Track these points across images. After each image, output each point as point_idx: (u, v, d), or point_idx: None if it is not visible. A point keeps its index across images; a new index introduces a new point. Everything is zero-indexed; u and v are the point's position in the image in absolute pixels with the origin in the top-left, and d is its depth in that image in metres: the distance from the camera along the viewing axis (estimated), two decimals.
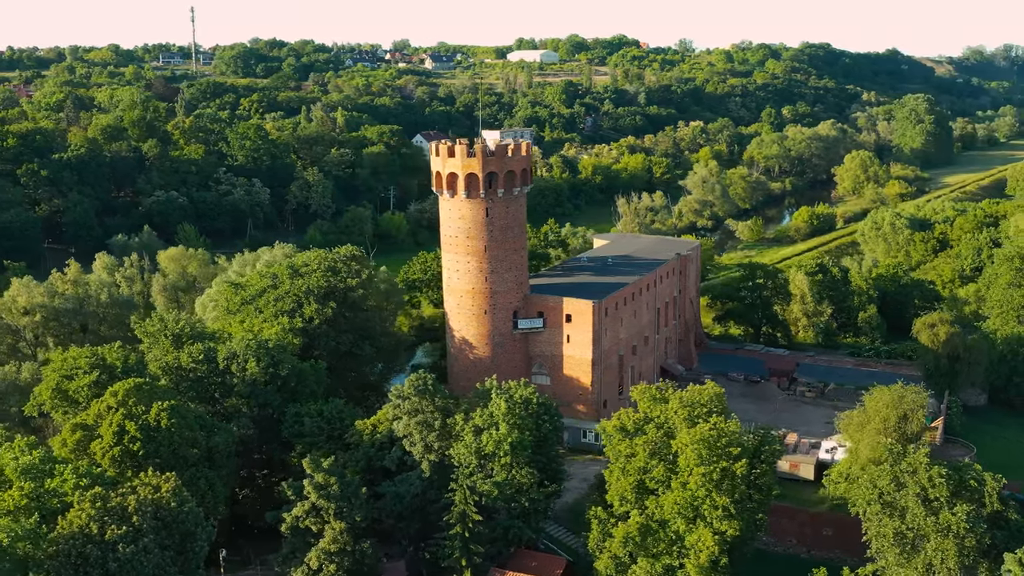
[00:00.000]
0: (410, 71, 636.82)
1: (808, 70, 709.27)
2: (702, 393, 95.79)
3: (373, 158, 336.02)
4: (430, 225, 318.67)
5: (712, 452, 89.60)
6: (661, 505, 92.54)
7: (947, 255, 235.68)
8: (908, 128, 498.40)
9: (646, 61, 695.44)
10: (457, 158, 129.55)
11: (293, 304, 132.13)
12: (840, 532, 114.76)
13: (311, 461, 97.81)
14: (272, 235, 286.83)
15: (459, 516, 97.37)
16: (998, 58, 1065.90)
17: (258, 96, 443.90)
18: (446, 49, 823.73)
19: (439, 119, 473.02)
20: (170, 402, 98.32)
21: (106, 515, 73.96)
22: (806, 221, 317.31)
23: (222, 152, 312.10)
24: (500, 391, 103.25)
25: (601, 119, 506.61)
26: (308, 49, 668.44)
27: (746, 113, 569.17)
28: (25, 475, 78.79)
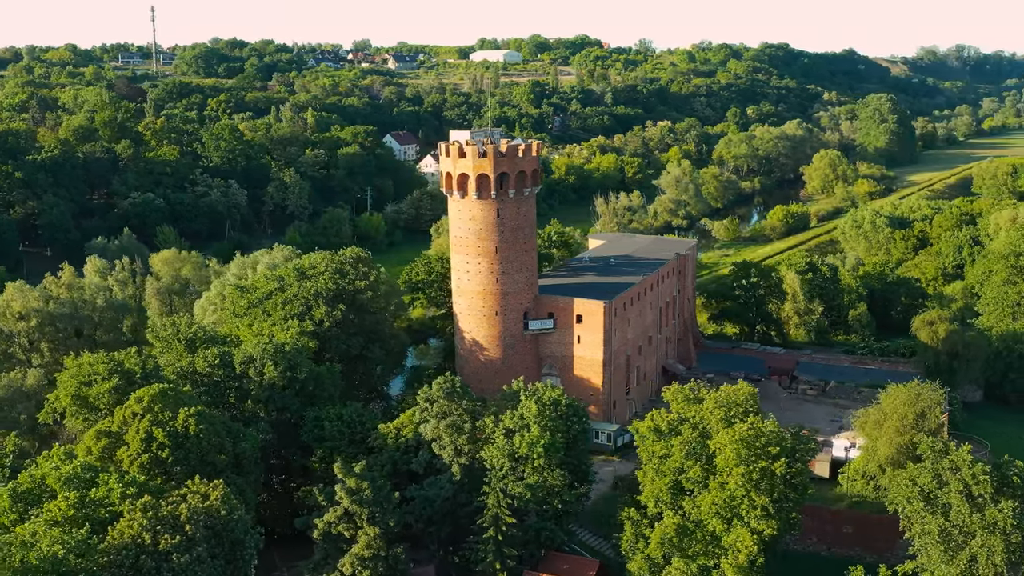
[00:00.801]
0: (374, 71, 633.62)
1: (769, 70, 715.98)
2: (737, 393, 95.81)
3: (348, 159, 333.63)
4: (407, 226, 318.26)
5: (751, 452, 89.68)
6: (698, 505, 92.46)
7: (928, 253, 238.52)
8: (872, 127, 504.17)
9: (609, 61, 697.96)
10: (468, 159, 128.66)
11: (302, 307, 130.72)
12: (860, 529, 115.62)
13: (342, 466, 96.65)
14: (250, 237, 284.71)
15: (492, 519, 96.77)
16: (951, 58, 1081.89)
17: (225, 96, 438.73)
18: (408, 49, 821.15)
19: (408, 119, 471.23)
20: (196, 408, 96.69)
21: (158, 524, 72.41)
22: (781, 220, 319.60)
23: (196, 153, 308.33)
24: (528, 393, 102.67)
25: (569, 119, 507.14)
26: (270, 49, 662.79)
27: (711, 113, 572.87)
28: (68, 485, 76.89)
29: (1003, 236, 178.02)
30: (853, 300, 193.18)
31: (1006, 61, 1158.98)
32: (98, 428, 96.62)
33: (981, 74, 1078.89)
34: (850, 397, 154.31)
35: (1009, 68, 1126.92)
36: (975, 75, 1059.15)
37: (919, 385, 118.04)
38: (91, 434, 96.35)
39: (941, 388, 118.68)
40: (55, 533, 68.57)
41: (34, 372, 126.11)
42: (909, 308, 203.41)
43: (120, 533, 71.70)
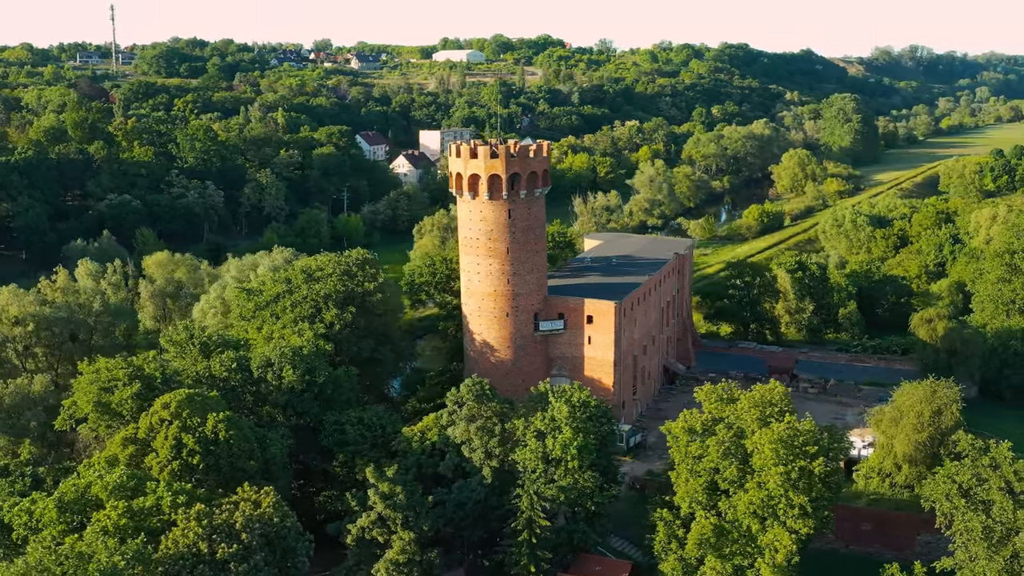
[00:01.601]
0: (338, 71, 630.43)
1: (731, 70, 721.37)
2: (772, 392, 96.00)
3: (323, 159, 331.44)
4: (384, 226, 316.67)
5: (789, 451, 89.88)
6: (734, 505, 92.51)
7: (909, 251, 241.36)
8: (837, 127, 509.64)
9: (572, 61, 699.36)
10: (480, 159, 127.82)
11: (311, 309, 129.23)
12: (879, 527, 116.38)
13: (375, 470, 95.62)
14: (227, 239, 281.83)
15: (526, 522, 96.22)
16: (905, 59, 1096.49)
17: (192, 97, 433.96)
18: (370, 49, 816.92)
19: (376, 120, 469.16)
20: (225, 413, 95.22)
21: (214, 533, 70.99)
22: (756, 219, 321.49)
23: (171, 154, 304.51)
24: (556, 394, 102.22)
25: (538, 119, 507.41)
26: (232, 49, 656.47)
27: (677, 112, 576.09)
28: (116, 494, 75.17)
29: (997, 236, 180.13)
30: (843, 298, 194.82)
31: (958, 62, 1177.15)
32: (124, 435, 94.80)
33: (934, 74, 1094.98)
34: (851, 395, 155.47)
35: (961, 68, 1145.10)
36: (928, 75, 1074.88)
37: (934, 382, 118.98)
38: (117, 441, 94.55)
39: (956, 385, 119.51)
40: (111, 543, 66.97)
41: (40, 378, 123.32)
42: (895, 306, 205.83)
43: (175, 542, 70.24)
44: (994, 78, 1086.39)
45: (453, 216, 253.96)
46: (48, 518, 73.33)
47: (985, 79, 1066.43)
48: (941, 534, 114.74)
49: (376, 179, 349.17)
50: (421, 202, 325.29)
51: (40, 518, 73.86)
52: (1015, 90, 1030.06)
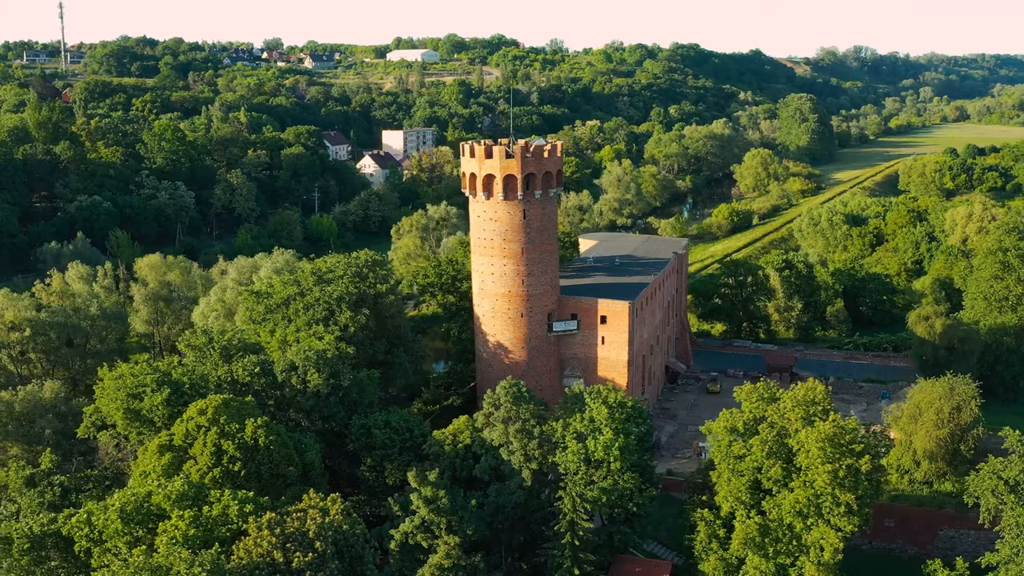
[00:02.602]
0: (292, 70, 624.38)
1: (685, 70, 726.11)
2: (814, 391, 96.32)
3: (292, 159, 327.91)
4: (355, 227, 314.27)
5: (836, 449, 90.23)
6: (779, 504, 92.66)
7: (885, 249, 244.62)
8: (794, 126, 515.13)
9: (528, 61, 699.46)
10: (495, 159, 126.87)
11: (325, 312, 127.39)
12: (902, 522, 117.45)
13: (417, 475, 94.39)
14: (198, 240, 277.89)
15: (568, 524, 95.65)
16: (849, 59, 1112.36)
17: (151, 96, 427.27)
18: (322, 48, 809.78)
19: (337, 119, 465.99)
20: (263, 419, 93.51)
21: (287, 541, 69.40)
22: (726, 218, 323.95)
23: (139, 155, 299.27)
24: (593, 395, 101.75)
25: (499, 119, 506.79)
26: (184, 48, 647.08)
27: (635, 112, 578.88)
28: (180, 503, 73.23)
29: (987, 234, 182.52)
30: (830, 296, 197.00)
31: (901, 62, 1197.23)
32: (159, 442, 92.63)
33: (878, 74, 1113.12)
34: (853, 392, 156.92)
35: (904, 69, 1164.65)
36: (873, 75, 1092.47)
37: (952, 379, 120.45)
38: (152, 448, 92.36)
39: (974, 382, 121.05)
40: (186, 555, 65.21)
41: (51, 384, 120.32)
42: (877, 303, 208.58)
43: (247, 552, 68.55)
44: (936, 78, 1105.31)
45: (431, 216, 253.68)
46: (112, 529, 71.21)
47: (927, 79, 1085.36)
48: (961, 529, 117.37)
49: (344, 179, 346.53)
50: (391, 202, 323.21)
51: (103, 529, 71.66)
52: (956, 90, 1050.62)
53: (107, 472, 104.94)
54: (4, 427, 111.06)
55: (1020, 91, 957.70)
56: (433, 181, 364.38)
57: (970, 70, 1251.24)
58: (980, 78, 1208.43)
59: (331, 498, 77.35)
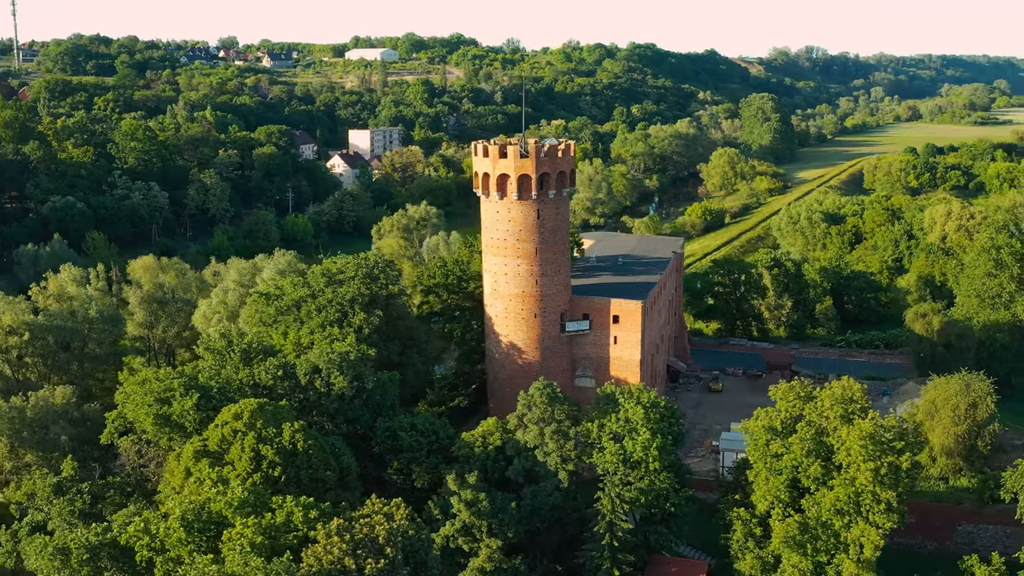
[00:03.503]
0: (251, 69, 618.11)
1: (644, 70, 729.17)
2: (851, 389, 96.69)
3: (265, 159, 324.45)
4: (329, 227, 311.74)
5: (877, 447, 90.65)
6: (818, 502, 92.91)
7: (864, 247, 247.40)
8: (756, 126, 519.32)
9: (487, 60, 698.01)
10: (510, 159, 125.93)
11: (338, 314, 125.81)
12: (922, 518, 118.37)
13: (456, 478, 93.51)
14: (173, 241, 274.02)
15: (607, 525, 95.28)
16: (801, 59, 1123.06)
17: (113, 95, 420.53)
18: (280, 47, 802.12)
19: (301, 119, 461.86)
20: (299, 423, 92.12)
21: (358, 548, 68.13)
22: (700, 217, 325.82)
23: (110, 155, 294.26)
24: (625, 395, 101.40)
25: (464, 118, 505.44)
26: (139, 46, 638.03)
27: (598, 112, 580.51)
28: (241, 511, 71.62)
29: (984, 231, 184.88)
30: (818, 294, 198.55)
31: (851, 62, 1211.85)
32: (194, 448, 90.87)
33: (830, 74, 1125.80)
34: None
35: (855, 69, 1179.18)
36: (824, 75, 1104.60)
37: (967, 376, 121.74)
38: (188, 454, 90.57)
39: (989, 379, 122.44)
40: (258, 563, 63.76)
41: (62, 390, 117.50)
42: (862, 301, 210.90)
43: (317, 559, 67.19)
44: (886, 79, 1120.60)
45: (411, 216, 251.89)
46: (175, 538, 69.45)
47: (878, 79, 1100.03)
48: (980, 524, 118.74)
49: (316, 179, 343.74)
50: (365, 202, 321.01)
51: (165, 538, 69.89)
52: (905, 90, 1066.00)
53: (129, 479, 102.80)
54: (18, 434, 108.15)
55: (968, 91, 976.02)
56: (406, 181, 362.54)
57: (918, 70, 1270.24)
58: (928, 78, 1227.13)
59: (395, 503, 76.17)
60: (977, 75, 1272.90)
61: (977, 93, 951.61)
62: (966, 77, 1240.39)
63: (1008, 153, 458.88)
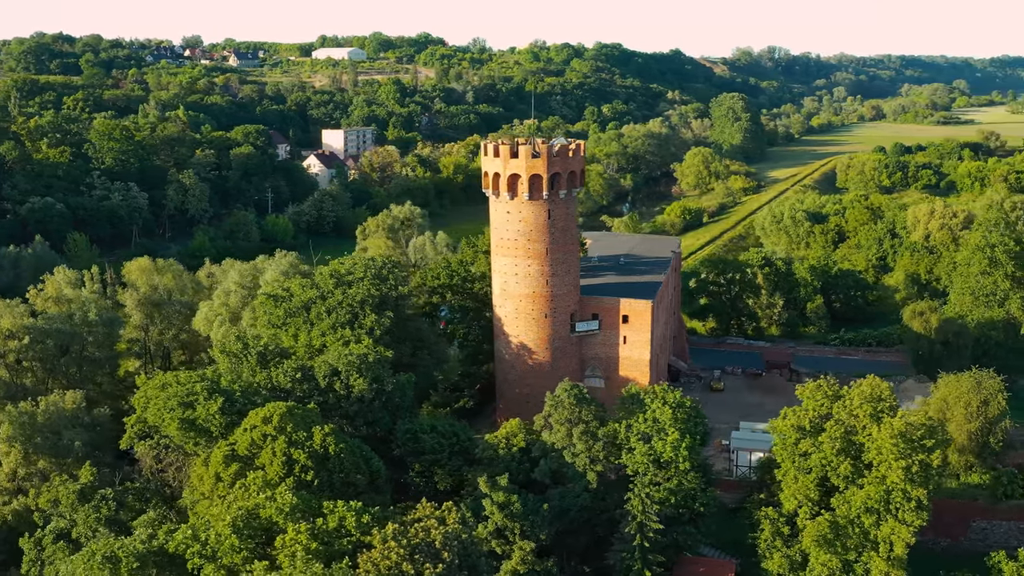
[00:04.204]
0: (218, 68, 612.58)
1: (612, 69, 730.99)
2: (879, 388, 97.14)
3: (243, 159, 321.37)
4: (309, 228, 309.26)
5: (908, 445, 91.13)
6: (848, 501, 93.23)
7: (848, 246, 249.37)
8: (727, 125, 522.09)
9: (455, 60, 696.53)
10: (521, 159, 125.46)
11: (348, 315, 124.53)
12: (936, 514, 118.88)
13: (488, 480, 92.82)
14: (153, 242, 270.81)
15: (638, 526, 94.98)
16: (764, 59, 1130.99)
17: (82, 95, 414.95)
18: (246, 46, 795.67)
19: (273, 118, 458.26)
20: (329, 426, 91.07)
21: (415, 552, 67.29)
22: (679, 216, 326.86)
23: (87, 155, 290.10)
24: (651, 396, 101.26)
25: (436, 118, 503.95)
26: (104, 45, 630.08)
27: (568, 111, 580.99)
28: (292, 516, 70.48)
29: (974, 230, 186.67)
30: (809, 293, 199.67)
31: (813, 62, 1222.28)
32: (223, 452, 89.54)
33: (792, 74, 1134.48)
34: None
35: (816, 69, 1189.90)
36: (787, 75, 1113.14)
37: (978, 373, 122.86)
38: (217, 459, 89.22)
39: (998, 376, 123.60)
40: (318, 568, 62.79)
41: (72, 394, 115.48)
42: (850, 299, 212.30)
43: (374, 564, 66.28)
44: (847, 78, 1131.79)
45: (396, 216, 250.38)
46: (228, 545, 68.17)
47: (839, 79, 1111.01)
48: (994, 521, 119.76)
49: (294, 180, 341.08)
50: (344, 203, 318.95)
51: (217, 545, 68.60)
52: (866, 90, 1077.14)
53: (148, 484, 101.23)
54: (31, 439, 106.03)
55: (929, 91, 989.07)
56: (384, 181, 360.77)
57: (878, 70, 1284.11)
58: (888, 78, 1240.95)
59: (446, 507, 75.44)
60: (935, 75, 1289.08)
61: (938, 93, 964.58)
62: (925, 77, 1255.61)
63: (975, 152, 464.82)
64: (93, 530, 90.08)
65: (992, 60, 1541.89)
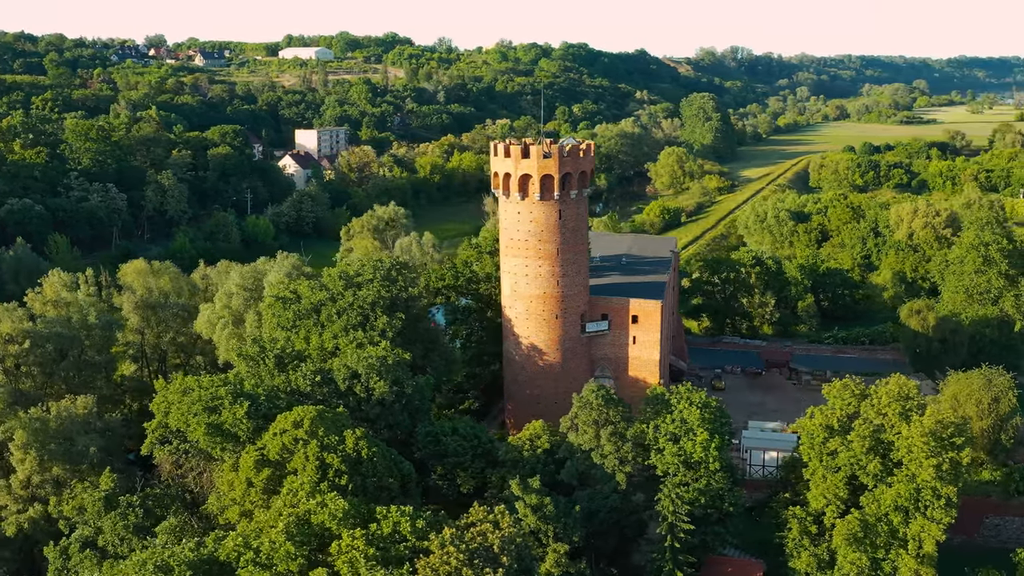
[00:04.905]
0: (184, 68, 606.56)
1: (581, 69, 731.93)
2: (907, 387, 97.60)
3: (220, 160, 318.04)
4: (288, 228, 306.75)
5: (938, 443, 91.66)
6: (877, 499, 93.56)
7: (832, 244, 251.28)
8: (698, 125, 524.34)
9: (423, 59, 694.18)
10: (532, 159, 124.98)
11: (359, 317, 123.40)
12: None
13: (520, 483, 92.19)
14: (133, 244, 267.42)
15: (668, 527, 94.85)
16: (727, 59, 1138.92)
17: (51, 95, 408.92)
18: (211, 46, 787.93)
19: (244, 118, 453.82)
20: (360, 430, 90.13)
21: (474, 557, 66.57)
22: (658, 215, 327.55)
23: (63, 155, 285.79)
24: (677, 396, 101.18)
25: (408, 118, 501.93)
26: (68, 44, 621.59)
27: (539, 111, 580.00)
28: (346, 522, 69.45)
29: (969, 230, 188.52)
30: (799, 291, 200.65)
31: (775, 63, 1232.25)
32: (254, 458, 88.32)
33: (755, 74, 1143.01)
34: None
35: (779, 69, 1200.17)
36: (750, 75, 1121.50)
37: (988, 371, 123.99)
38: (248, 464, 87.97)
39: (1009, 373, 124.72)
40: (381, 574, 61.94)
41: (83, 399, 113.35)
42: (837, 297, 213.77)
43: (434, 570, 65.48)
44: (809, 78, 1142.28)
45: (380, 217, 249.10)
46: (283, 552, 66.99)
47: (801, 79, 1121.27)
48: (1007, 516, 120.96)
49: (271, 180, 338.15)
50: (323, 203, 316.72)
51: (272, 552, 67.35)
52: (828, 90, 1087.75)
53: (169, 490, 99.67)
54: (45, 446, 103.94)
55: (890, 91, 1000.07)
56: (363, 181, 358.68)
57: (839, 70, 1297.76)
58: (848, 78, 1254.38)
59: (498, 510, 74.73)
60: (895, 75, 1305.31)
61: (899, 93, 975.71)
62: (884, 77, 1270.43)
63: (942, 151, 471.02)
64: (121, 538, 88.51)
65: (949, 61, 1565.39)
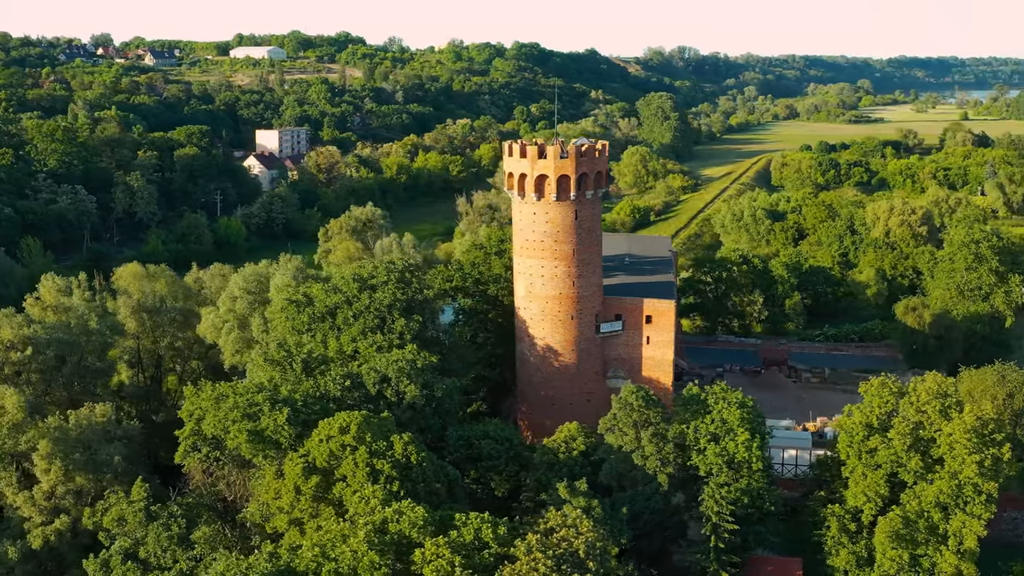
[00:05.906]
0: (135, 67, 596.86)
1: (535, 69, 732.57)
2: (945, 384, 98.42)
3: (188, 161, 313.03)
4: (259, 230, 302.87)
5: (981, 440, 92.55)
6: (918, 496, 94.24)
7: (808, 243, 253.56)
8: (656, 124, 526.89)
9: (377, 59, 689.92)
10: (549, 159, 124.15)
11: (376, 320, 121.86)
12: None
13: (567, 486, 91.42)
14: (104, 246, 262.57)
15: (713, 527, 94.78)
16: (675, 59, 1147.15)
17: (4, 94, 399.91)
18: (160, 45, 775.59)
19: (202, 118, 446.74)
20: (407, 435, 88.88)
21: (561, 563, 65.70)
22: (629, 214, 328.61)
23: (28, 156, 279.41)
24: (715, 396, 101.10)
25: (368, 118, 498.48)
26: (14, 43, 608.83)
27: (497, 111, 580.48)
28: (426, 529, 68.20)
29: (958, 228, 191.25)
30: (786, 290, 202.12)
31: (722, 62, 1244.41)
32: (300, 465, 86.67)
33: (702, 74, 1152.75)
34: (852, 382, 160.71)
35: (726, 68, 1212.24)
36: (698, 74, 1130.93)
37: (1001, 366, 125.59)
38: (295, 471, 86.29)
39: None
40: None
41: (101, 407, 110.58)
42: (819, 295, 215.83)
43: None
44: (755, 78, 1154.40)
45: (357, 218, 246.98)
46: (367, 562, 65.57)
47: (748, 79, 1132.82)
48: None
49: (239, 181, 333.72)
50: (293, 204, 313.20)
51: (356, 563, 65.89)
52: (775, 89, 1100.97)
53: (202, 499, 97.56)
54: (69, 456, 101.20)
55: (836, 90, 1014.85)
56: (331, 182, 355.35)
57: (783, 70, 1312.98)
58: (793, 78, 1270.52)
59: (575, 515, 73.92)
60: (837, 75, 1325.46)
61: (844, 92, 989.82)
62: (828, 77, 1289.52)
63: (896, 150, 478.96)
64: (164, 548, 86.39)
65: (889, 60, 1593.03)
